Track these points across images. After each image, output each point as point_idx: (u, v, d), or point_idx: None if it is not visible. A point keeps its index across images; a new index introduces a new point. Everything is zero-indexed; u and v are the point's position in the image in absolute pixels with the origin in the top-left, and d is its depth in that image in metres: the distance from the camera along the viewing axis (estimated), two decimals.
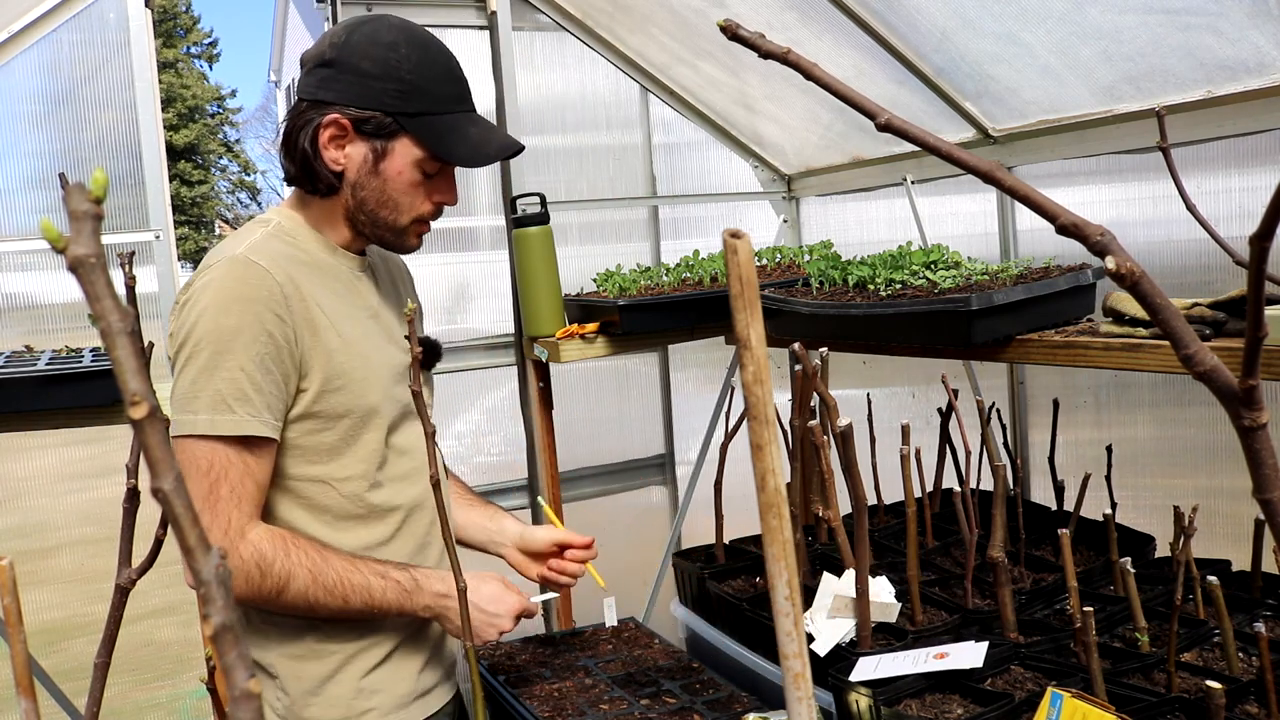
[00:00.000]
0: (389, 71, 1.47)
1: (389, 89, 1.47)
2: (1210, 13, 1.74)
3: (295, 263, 1.49)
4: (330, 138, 1.49)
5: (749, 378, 0.47)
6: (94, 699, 0.68)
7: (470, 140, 1.51)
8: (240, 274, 1.41)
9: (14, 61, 2.32)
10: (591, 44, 3.01)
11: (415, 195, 1.54)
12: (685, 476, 3.22)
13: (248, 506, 1.43)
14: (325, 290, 1.51)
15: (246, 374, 1.39)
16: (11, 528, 2.54)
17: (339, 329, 1.50)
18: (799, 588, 0.48)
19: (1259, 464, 0.51)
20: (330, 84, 1.48)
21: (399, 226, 1.55)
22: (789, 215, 3.30)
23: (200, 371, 1.39)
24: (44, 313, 2.43)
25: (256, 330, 1.39)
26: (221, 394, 1.38)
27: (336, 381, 1.48)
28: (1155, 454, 2.27)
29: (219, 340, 1.38)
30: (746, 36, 0.53)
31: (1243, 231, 1.96)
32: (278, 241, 1.51)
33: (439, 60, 1.51)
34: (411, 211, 1.55)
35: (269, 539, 1.44)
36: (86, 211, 0.33)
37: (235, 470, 1.41)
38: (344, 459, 1.51)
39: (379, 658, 1.57)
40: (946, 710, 1.48)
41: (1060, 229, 0.51)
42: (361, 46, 1.47)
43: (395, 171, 1.50)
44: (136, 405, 0.32)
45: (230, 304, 1.39)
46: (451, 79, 1.52)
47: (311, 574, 1.45)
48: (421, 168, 1.51)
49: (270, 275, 1.42)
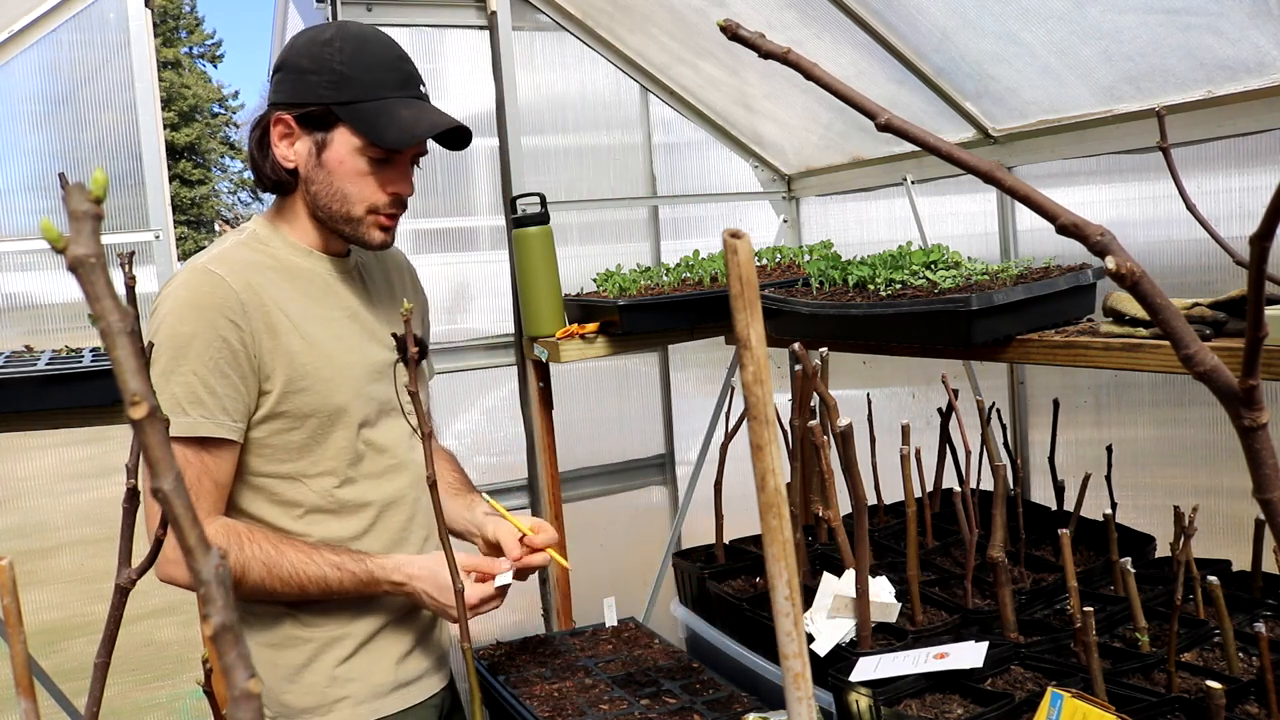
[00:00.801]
0: (323, 64, 1.52)
1: (323, 80, 1.52)
2: (1210, 13, 1.74)
3: (260, 269, 1.55)
4: (280, 135, 1.55)
5: (749, 378, 0.47)
6: (94, 699, 0.68)
7: (400, 122, 1.52)
8: (197, 282, 1.49)
9: (14, 61, 2.32)
10: (591, 44, 3.01)
11: (364, 185, 1.56)
12: (685, 476, 3.22)
13: (205, 503, 1.49)
14: (293, 294, 1.56)
15: (200, 378, 1.45)
16: (11, 528, 2.54)
17: (303, 331, 1.54)
18: (799, 588, 0.48)
19: (1259, 464, 0.51)
20: (280, 86, 1.56)
21: (353, 217, 1.57)
22: (789, 215, 3.30)
23: (159, 376, 1.45)
24: (44, 313, 2.43)
25: (210, 336, 1.46)
26: (177, 397, 1.45)
27: (300, 382, 1.53)
28: (1155, 454, 2.27)
29: (175, 346, 1.45)
30: (746, 36, 0.53)
31: (1243, 231, 1.96)
32: (245, 249, 1.57)
33: (375, 50, 1.54)
34: (362, 201, 1.56)
35: (223, 534, 1.49)
36: (86, 211, 0.33)
37: (192, 469, 1.47)
38: (313, 456, 1.56)
39: (353, 647, 1.61)
40: (946, 710, 1.47)
41: (1060, 229, 0.51)
42: (302, 47, 1.55)
43: (337, 161, 1.54)
44: (136, 405, 0.32)
45: (186, 311, 1.47)
46: (387, 65, 1.54)
47: (266, 567, 1.50)
48: (364, 155, 1.54)
49: (226, 283, 1.48)
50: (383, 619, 1.64)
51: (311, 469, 1.57)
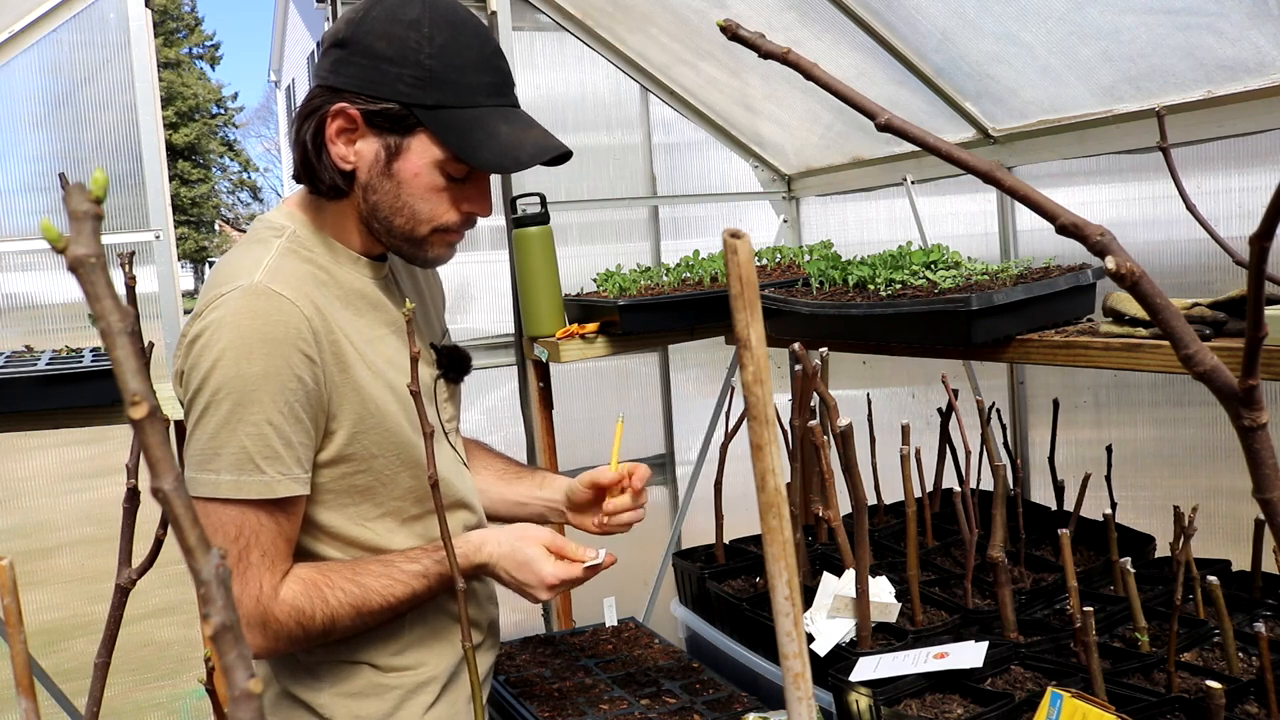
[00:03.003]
0: (406, 55, 1.26)
1: (405, 75, 1.26)
2: (1210, 13, 1.74)
3: (317, 285, 1.31)
4: (338, 130, 1.30)
5: (749, 378, 0.47)
6: (94, 699, 0.68)
7: (499, 139, 1.28)
8: (262, 309, 1.23)
9: (14, 62, 2.32)
10: (591, 44, 3.01)
11: (437, 202, 1.33)
12: (685, 476, 3.22)
13: (281, 565, 1.29)
14: (348, 313, 1.34)
15: (275, 427, 1.23)
16: (11, 528, 2.54)
17: (367, 359, 1.34)
18: (799, 588, 0.48)
19: (1259, 464, 0.51)
20: (342, 67, 1.29)
21: (416, 236, 1.35)
22: (789, 215, 3.30)
23: (221, 425, 1.22)
24: (44, 313, 2.43)
25: (285, 376, 1.22)
26: (247, 451, 1.22)
27: (369, 420, 1.33)
28: (1155, 454, 2.27)
29: (242, 390, 1.21)
30: (746, 36, 0.53)
31: (1243, 231, 1.96)
32: (295, 259, 1.32)
33: (471, 43, 1.30)
34: (432, 220, 1.33)
35: (303, 591, 1.30)
36: (86, 211, 0.33)
37: (267, 534, 1.26)
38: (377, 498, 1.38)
39: (436, 692, 1.45)
40: (946, 710, 1.47)
41: (1060, 229, 0.51)
42: (379, 24, 1.27)
43: (411, 173, 1.30)
44: (136, 405, 0.32)
45: (253, 347, 1.21)
46: (484, 65, 1.30)
47: (355, 608, 1.32)
48: (444, 170, 1.31)
49: (296, 309, 1.25)
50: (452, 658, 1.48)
51: (372, 512, 1.38)
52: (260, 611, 1.28)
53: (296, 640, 1.32)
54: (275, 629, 1.30)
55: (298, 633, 1.31)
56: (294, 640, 1.32)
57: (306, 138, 1.32)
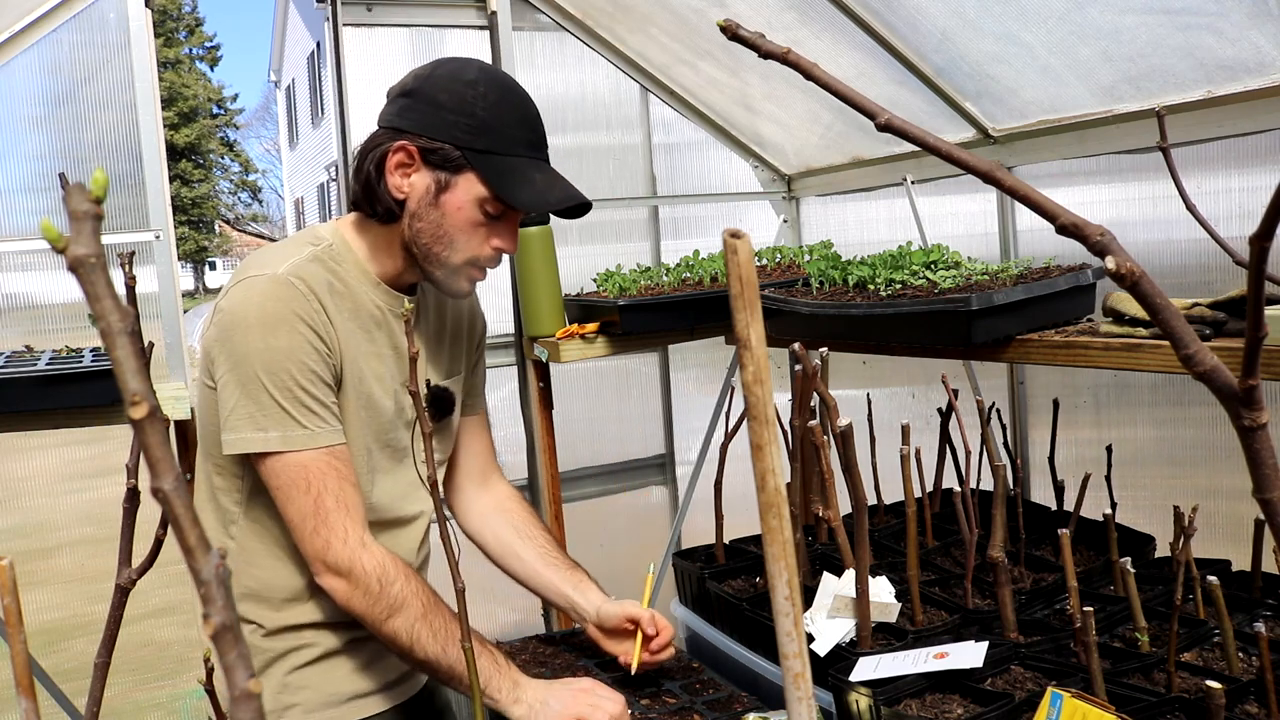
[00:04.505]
0: (463, 106, 1.46)
1: (461, 122, 1.46)
2: (1210, 13, 1.74)
3: (331, 292, 1.50)
4: (398, 164, 1.49)
5: (749, 378, 0.47)
6: (94, 699, 0.68)
7: (534, 185, 1.48)
8: (283, 293, 1.43)
9: (14, 62, 2.32)
10: (591, 44, 3.01)
11: (473, 235, 1.51)
12: (685, 476, 3.22)
13: (358, 515, 1.46)
14: (353, 324, 1.52)
15: (305, 390, 1.43)
16: (11, 528, 2.54)
17: (353, 364, 1.52)
18: (799, 588, 0.48)
19: (1259, 464, 0.51)
20: (406, 113, 1.49)
21: (452, 264, 1.53)
22: (789, 215, 3.30)
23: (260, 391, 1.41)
24: (44, 313, 2.43)
25: (305, 347, 1.43)
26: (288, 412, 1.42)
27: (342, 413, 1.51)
28: (1155, 454, 2.27)
29: (272, 360, 1.41)
30: (746, 36, 0.53)
31: (1243, 231, 1.96)
32: (319, 266, 1.51)
33: (517, 104, 1.50)
34: (466, 251, 1.52)
35: (391, 558, 1.46)
36: (86, 211, 0.33)
37: (332, 478, 1.44)
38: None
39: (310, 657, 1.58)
40: (946, 710, 1.47)
41: (1060, 229, 0.51)
42: (442, 81, 1.49)
43: (455, 206, 1.48)
44: (136, 405, 0.32)
45: (277, 324, 1.41)
46: (526, 124, 1.50)
47: (424, 609, 1.46)
48: (483, 207, 1.49)
49: (312, 293, 1.45)
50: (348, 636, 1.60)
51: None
52: (349, 556, 1.43)
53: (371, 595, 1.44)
54: (361, 578, 1.43)
55: (375, 589, 1.43)
56: (369, 594, 1.44)
57: (370, 168, 1.50)
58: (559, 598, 1.81)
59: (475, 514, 1.85)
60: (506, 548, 1.83)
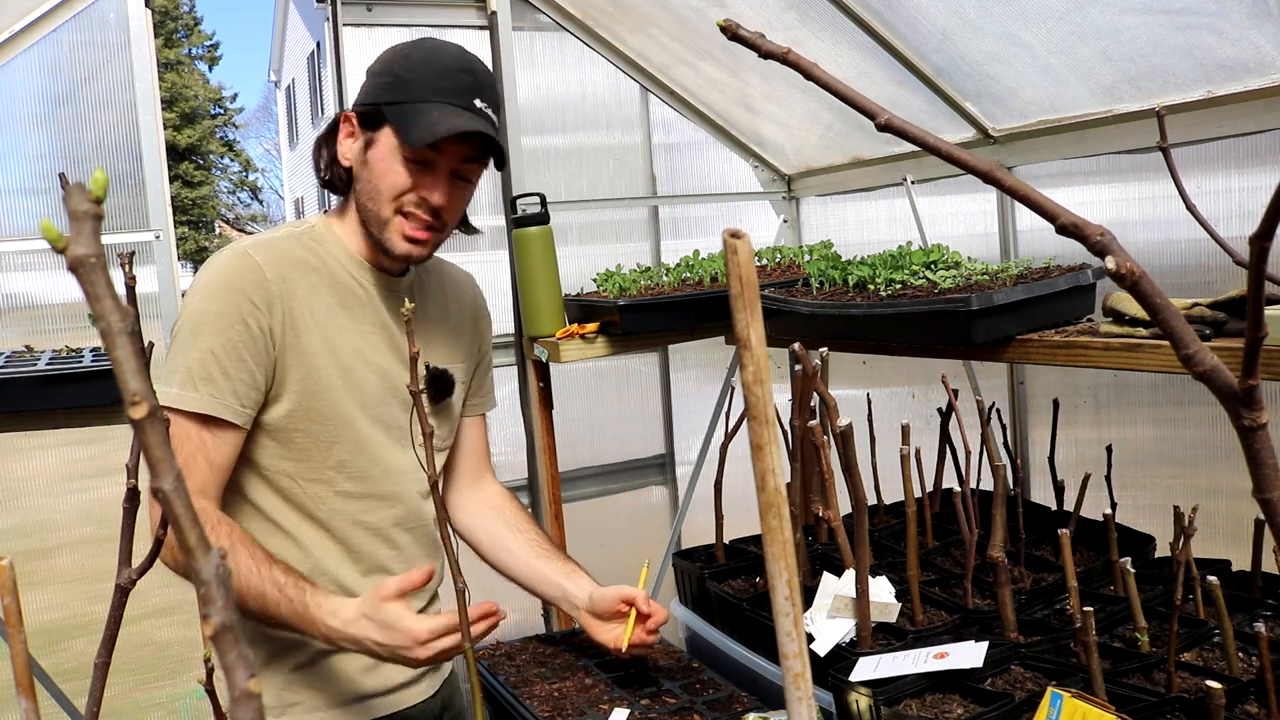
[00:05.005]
0: (388, 68, 1.54)
1: (383, 83, 1.53)
2: (1210, 13, 1.74)
3: (301, 267, 1.54)
4: (345, 134, 1.58)
5: (749, 378, 0.47)
6: (94, 699, 0.68)
7: (428, 122, 1.48)
8: (233, 263, 1.49)
9: (14, 62, 2.32)
10: (591, 44, 3.01)
11: (396, 186, 1.53)
12: (685, 476, 3.22)
13: (193, 481, 1.47)
14: (329, 299, 1.56)
15: (215, 357, 1.45)
16: (11, 528, 2.54)
17: (326, 336, 1.54)
18: (799, 588, 0.48)
19: (1259, 464, 0.51)
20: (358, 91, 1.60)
21: (382, 218, 1.55)
22: (789, 215, 3.30)
23: (179, 348, 1.47)
24: (44, 313, 2.43)
25: (233, 317, 1.45)
26: (190, 370, 1.45)
27: (311, 385, 1.52)
28: (1155, 454, 2.27)
29: (197, 321, 1.46)
30: (746, 36, 0.53)
31: (1243, 231, 1.96)
32: (294, 243, 1.56)
33: (436, 58, 1.53)
34: (392, 203, 1.53)
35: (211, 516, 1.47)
36: (86, 211, 0.33)
37: (189, 445, 1.46)
38: (312, 462, 1.55)
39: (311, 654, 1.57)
40: (946, 710, 1.47)
41: (1060, 229, 0.51)
42: (383, 54, 1.57)
43: (378, 159, 1.53)
44: (136, 405, 0.32)
45: (215, 290, 1.47)
46: (443, 74, 1.51)
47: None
48: (401, 156, 1.51)
49: (261, 269, 1.49)
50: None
51: (309, 474, 1.55)
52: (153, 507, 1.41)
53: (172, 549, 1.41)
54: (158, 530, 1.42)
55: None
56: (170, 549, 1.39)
57: (323, 141, 1.62)
58: (551, 587, 1.80)
59: (467, 511, 1.86)
60: (497, 542, 1.83)
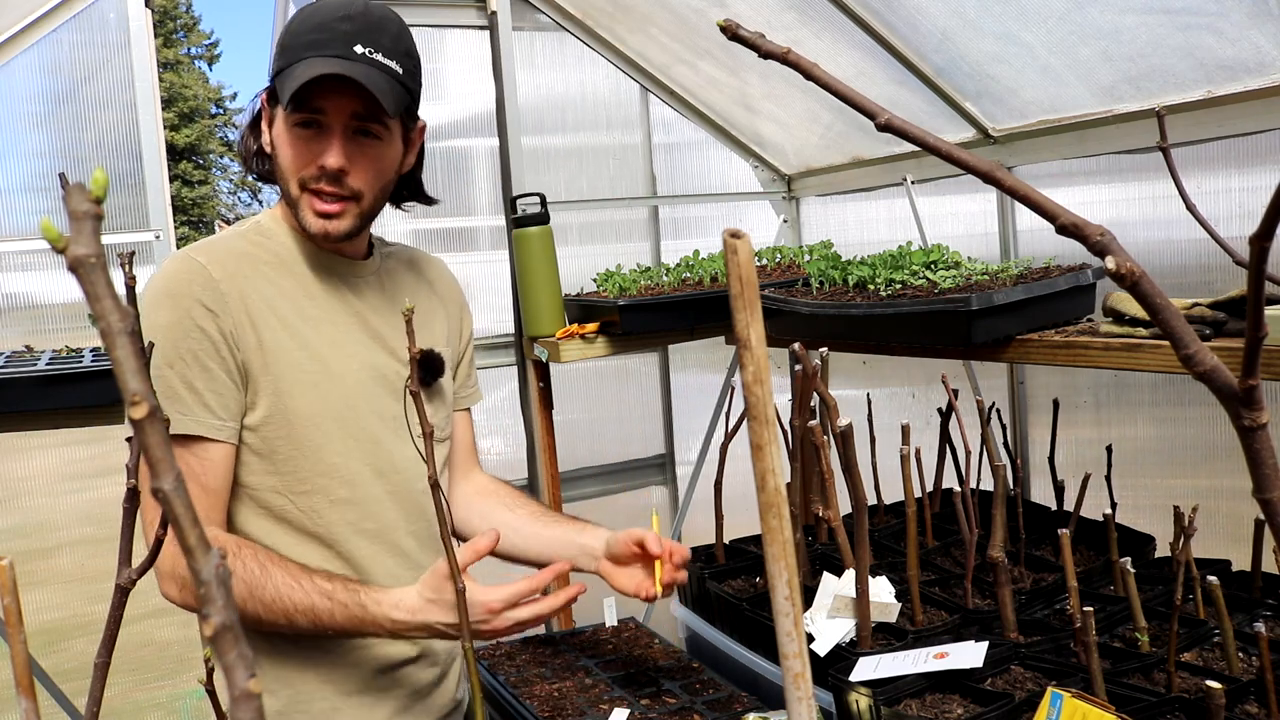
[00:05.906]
0: (278, 42, 1.44)
1: (273, 58, 1.45)
2: (1210, 13, 1.74)
3: (251, 261, 1.45)
4: (266, 120, 1.49)
5: (749, 378, 0.47)
6: (94, 699, 0.68)
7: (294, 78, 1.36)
8: (175, 270, 1.40)
9: (14, 62, 2.32)
10: (591, 44, 3.01)
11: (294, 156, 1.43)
12: (685, 476, 3.22)
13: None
14: (289, 290, 1.46)
15: (175, 370, 1.35)
16: (11, 528, 2.54)
17: (293, 329, 1.44)
18: (799, 588, 0.48)
19: (1259, 464, 0.51)
20: None
21: (292, 198, 1.45)
22: (789, 215, 3.30)
23: None
24: (44, 313, 2.43)
25: (187, 325, 1.36)
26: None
27: (284, 384, 1.42)
28: (1155, 454, 2.27)
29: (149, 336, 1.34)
30: (746, 36, 0.53)
31: (1243, 231, 1.96)
32: (240, 240, 1.48)
33: (320, 15, 1.41)
34: (293, 175, 1.43)
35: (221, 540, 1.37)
36: (86, 211, 0.33)
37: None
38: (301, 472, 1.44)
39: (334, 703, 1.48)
40: (946, 710, 1.47)
41: (1060, 229, 0.51)
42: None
43: (278, 134, 1.44)
44: (136, 405, 0.32)
45: (162, 299, 1.38)
46: (321, 28, 1.39)
47: (248, 587, 1.33)
48: (291, 124, 1.41)
49: (205, 270, 1.39)
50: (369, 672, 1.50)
51: (299, 485, 1.44)
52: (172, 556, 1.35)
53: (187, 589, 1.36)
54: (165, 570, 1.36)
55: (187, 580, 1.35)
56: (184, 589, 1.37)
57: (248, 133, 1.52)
58: (568, 547, 1.67)
59: (459, 504, 1.76)
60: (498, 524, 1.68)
